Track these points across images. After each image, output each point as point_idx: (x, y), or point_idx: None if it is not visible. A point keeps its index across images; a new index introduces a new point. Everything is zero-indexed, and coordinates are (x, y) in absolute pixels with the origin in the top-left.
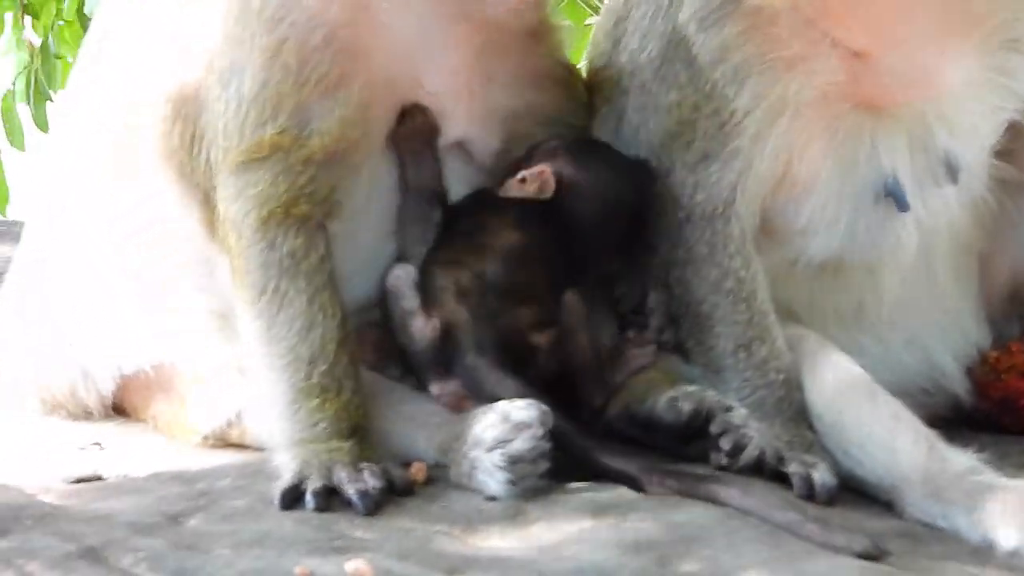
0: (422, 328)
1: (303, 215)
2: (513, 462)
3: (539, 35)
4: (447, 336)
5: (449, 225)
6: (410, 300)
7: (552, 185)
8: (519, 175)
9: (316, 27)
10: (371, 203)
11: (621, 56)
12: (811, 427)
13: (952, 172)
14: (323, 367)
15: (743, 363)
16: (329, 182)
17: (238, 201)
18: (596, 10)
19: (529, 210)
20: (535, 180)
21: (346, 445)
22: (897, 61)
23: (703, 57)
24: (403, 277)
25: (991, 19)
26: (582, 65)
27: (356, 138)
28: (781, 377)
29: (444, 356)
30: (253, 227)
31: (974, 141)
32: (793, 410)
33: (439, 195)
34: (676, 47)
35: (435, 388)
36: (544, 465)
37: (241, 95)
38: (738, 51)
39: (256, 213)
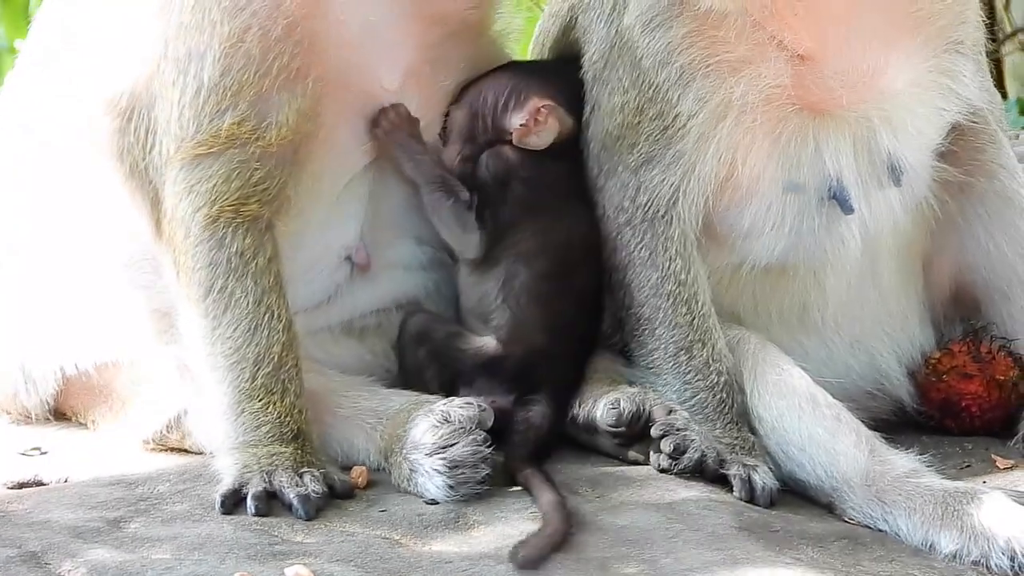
0: (477, 347)
1: (253, 215)
2: (453, 467)
3: (485, 29)
4: (515, 359)
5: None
6: (450, 325)
7: (565, 116)
8: (518, 122)
9: (278, 16)
10: (316, 203)
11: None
12: (752, 429)
13: (896, 174)
14: (268, 369)
15: (684, 366)
16: (281, 179)
17: (188, 197)
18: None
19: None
20: (545, 117)
21: (287, 449)
22: (842, 64)
23: (647, 60)
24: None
25: (936, 22)
26: None
27: (310, 131)
28: (722, 380)
29: (507, 377)
30: (202, 224)
31: (917, 143)
32: (734, 412)
33: (454, 179)
34: (620, 50)
35: (485, 401)
36: (484, 470)
37: (201, 81)
38: (683, 54)
39: (206, 211)
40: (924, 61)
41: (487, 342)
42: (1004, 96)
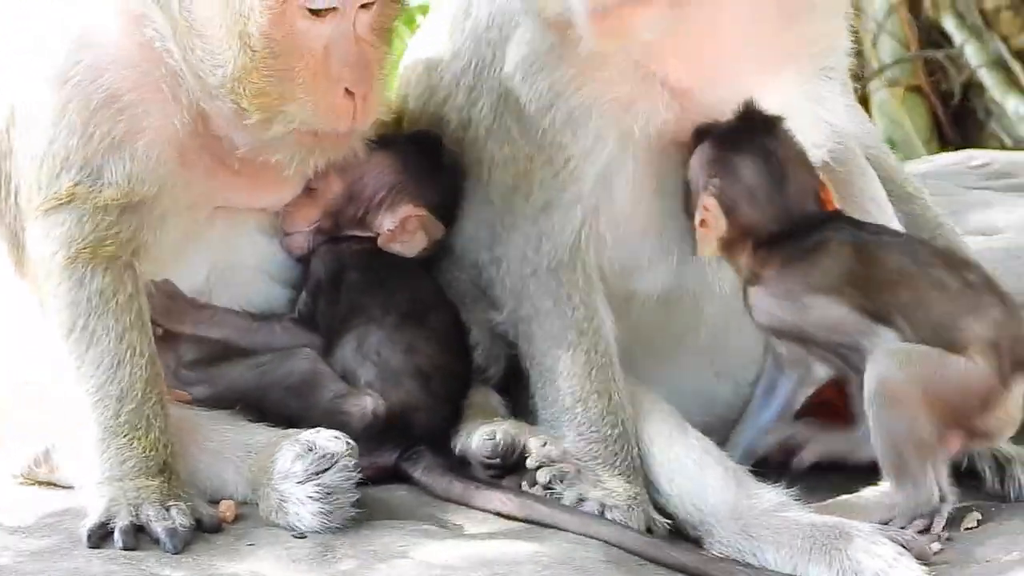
0: (364, 408)
1: (111, 255)
2: (328, 493)
3: None
4: (396, 416)
5: (376, 291)
6: (339, 382)
7: (434, 225)
8: (387, 226)
9: (95, 90)
10: (166, 248)
11: (444, 106)
12: (646, 481)
13: None
14: (132, 405)
15: (579, 418)
16: (132, 224)
17: (46, 241)
18: None
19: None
20: (414, 227)
21: (154, 483)
22: (720, 95)
23: (531, 107)
24: (317, 358)
25: (808, 49)
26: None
27: (150, 193)
28: (616, 432)
29: (387, 435)
30: (61, 265)
31: None
32: (626, 465)
33: (258, 315)
34: (505, 101)
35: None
36: (355, 496)
37: (35, 149)
38: (569, 98)
39: (64, 252)
40: (797, 87)
41: (368, 401)
42: None
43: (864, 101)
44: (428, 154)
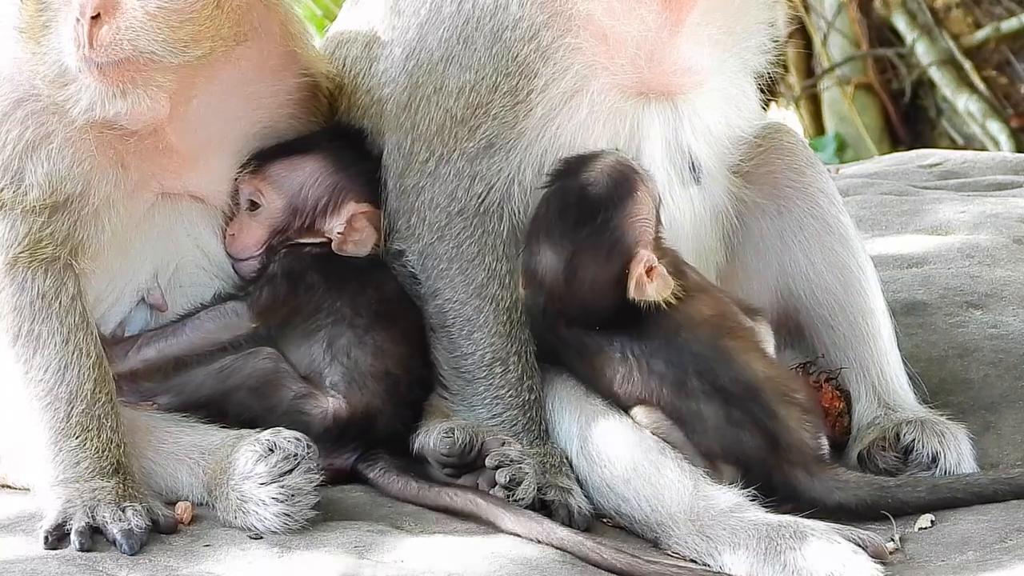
0: (324, 410)
1: (49, 256)
2: (291, 495)
3: (283, 58)
4: (357, 420)
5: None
6: (299, 382)
7: (381, 219)
8: (336, 229)
9: (4, 95)
10: (107, 247)
11: (378, 65)
12: (553, 442)
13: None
14: (82, 406)
15: (499, 379)
16: (65, 224)
17: None
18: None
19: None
20: (362, 226)
21: (109, 484)
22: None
23: (515, 32)
24: (279, 357)
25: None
26: None
27: (75, 191)
28: (532, 397)
29: (347, 438)
30: (2, 271)
31: (711, 145)
32: (540, 429)
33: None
34: (477, 25)
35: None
36: (317, 498)
37: None
38: (558, 29)
39: (3, 258)
40: (735, 73)
41: (329, 403)
42: (822, 131)
43: (815, 99)
44: (354, 147)
